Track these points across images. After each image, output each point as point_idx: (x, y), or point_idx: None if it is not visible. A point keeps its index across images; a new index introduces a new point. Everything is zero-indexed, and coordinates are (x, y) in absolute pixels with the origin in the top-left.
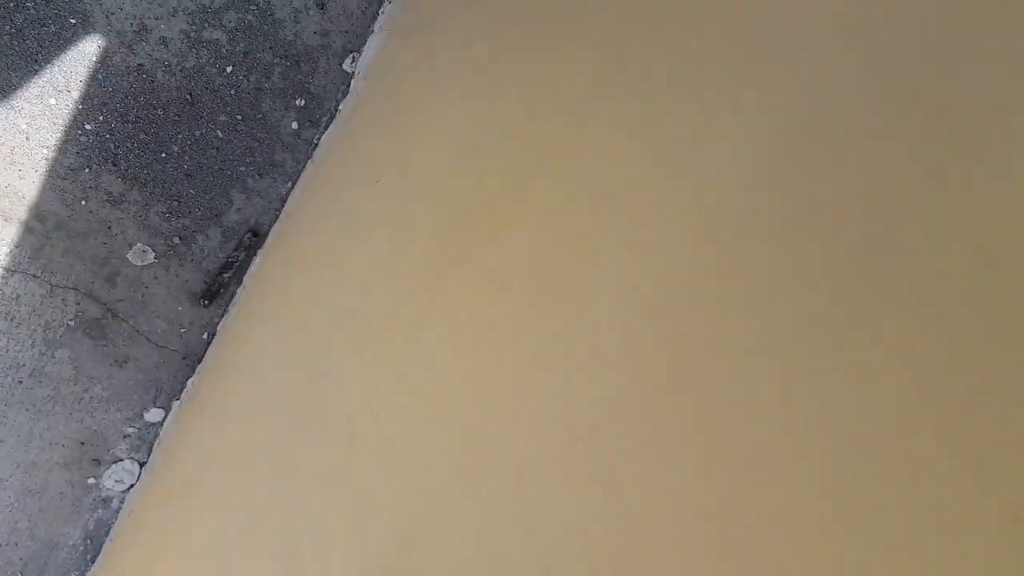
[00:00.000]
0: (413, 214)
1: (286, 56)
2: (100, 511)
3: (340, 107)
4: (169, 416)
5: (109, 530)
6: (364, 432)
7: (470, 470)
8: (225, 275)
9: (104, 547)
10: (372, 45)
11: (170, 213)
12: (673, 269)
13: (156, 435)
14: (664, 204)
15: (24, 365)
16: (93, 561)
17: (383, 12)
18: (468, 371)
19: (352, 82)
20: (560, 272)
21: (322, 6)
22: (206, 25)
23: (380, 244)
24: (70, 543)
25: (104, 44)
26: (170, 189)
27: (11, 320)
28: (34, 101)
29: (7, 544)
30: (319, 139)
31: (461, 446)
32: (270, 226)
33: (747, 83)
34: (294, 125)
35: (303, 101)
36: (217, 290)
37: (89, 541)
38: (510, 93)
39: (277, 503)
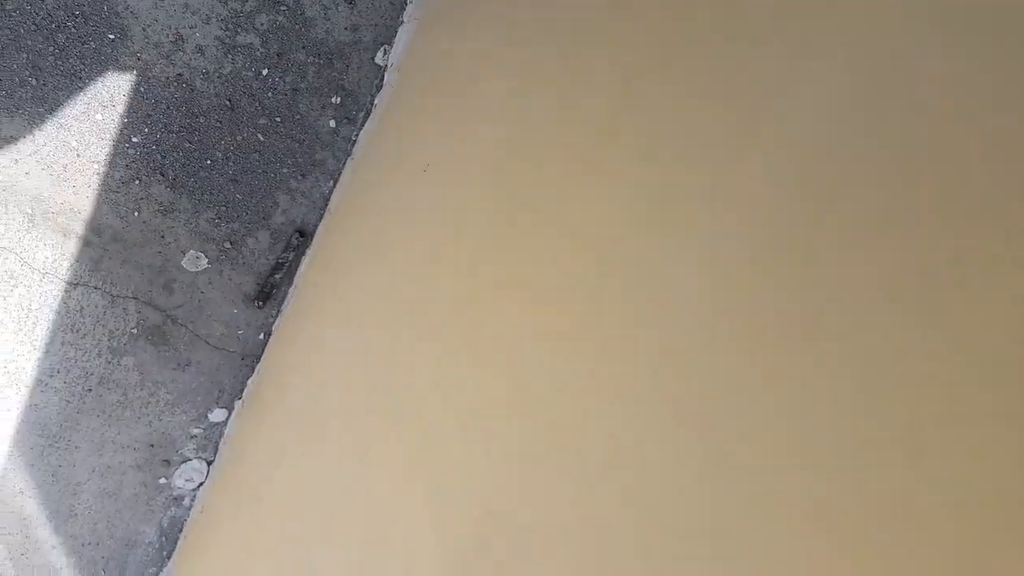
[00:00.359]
0: (468, 197)
1: (319, 54)
2: (173, 509)
3: (375, 101)
4: (232, 415)
5: (182, 527)
6: (435, 411)
7: (559, 441)
8: (276, 276)
9: (179, 543)
10: (403, 36)
11: (219, 219)
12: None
13: (221, 434)
14: (750, 154)
15: (92, 374)
16: (169, 557)
17: (411, 1)
18: (549, 345)
19: (385, 75)
20: (637, 236)
21: (350, 1)
22: (239, 30)
23: (437, 228)
24: (147, 541)
25: (143, 56)
26: (217, 195)
27: (77, 332)
28: (81, 118)
29: (89, 544)
30: (357, 135)
31: (544, 417)
32: (316, 225)
33: None
34: (332, 123)
35: (339, 98)
36: (270, 291)
37: (164, 538)
38: (557, 64)
39: (356, 488)
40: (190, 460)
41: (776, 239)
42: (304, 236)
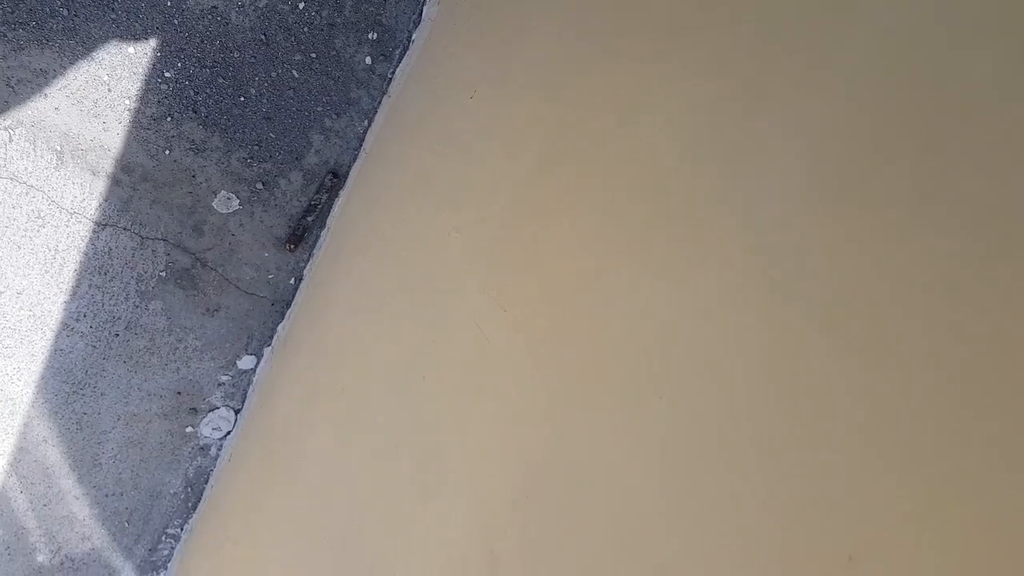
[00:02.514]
0: (520, 118)
1: None
2: (199, 459)
3: (413, 37)
4: (261, 362)
5: (208, 477)
6: (496, 329)
7: (648, 366)
8: (308, 218)
9: (204, 494)
10: None
11: (251, 158)
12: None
13: (249, 382)
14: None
15: (120, 318)
16: (194, 508)
17: None
18: (622, 260)
19: (424, 9)
20: (717, 136)
21: None
22: None
23: (487, 156)
24: (171, 491)
25: None
26: (250, 134)
27: (105, 274)
28: (113, 51)
29: (113, 494)
30: (393, 72)
31: (616, 347)
32: (350, 166)
33: None
34: (368, 60)
35: (375, 34)
36: (302, 234)
37: (190, 489)
38: None
39: (401, 422)
40: (217, 408)
41: None
42: (337, 177)
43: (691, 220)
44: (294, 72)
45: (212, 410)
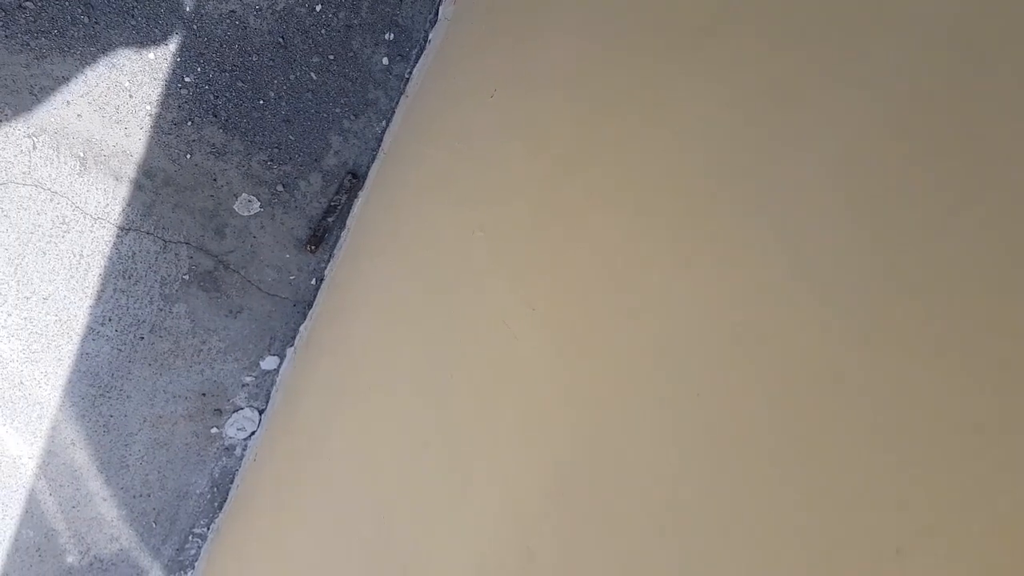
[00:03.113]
0: (543, 116)
1: None
2: (224, 459)
3: (430, 37)
4: (284, 363)
5: (234, 477)
6: (523, 327)
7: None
8: (329, 219)
9: (230, 494)
10: None
11: (271, 161)
12: None
13: (273, 382)
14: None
15: (144, 321)
16: (220, 508)
17: None
18: (648, 253)
19: (440, 8)
20: (749, 135)
21: None
22: None
23: (509, 154)
24: (198, 492)
25: None
26: (270, 136)
27: (129, 278)
28: (134, 57)
29: (140, 495)
30: (411, 73)
31: (642, 337)
32: (368, 167)
33: None
34: (385, 61)
35: (392, 35)
36: (322, 235)
37: (216, 489)
38: None
39: (429, 420)
40: (242, 409)
41: None
42: (357, 178)
43: (723, 217)
44: (312, 74)
45: (236, 411)
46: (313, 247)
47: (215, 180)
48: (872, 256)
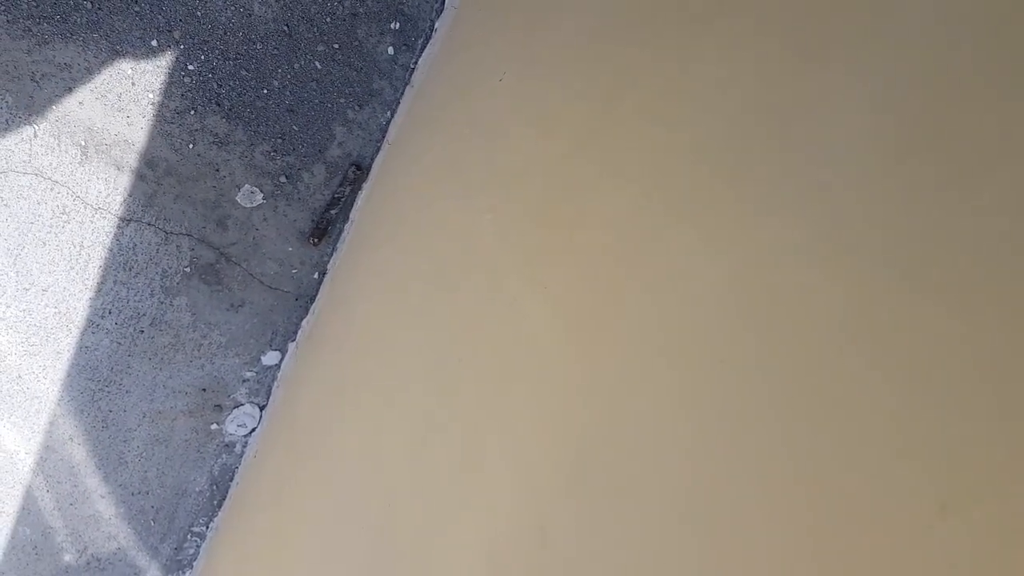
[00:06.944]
0: (554, 96)
1: None
2: (224, 456)
3: (436, 26)
4: (286, 358)
5: (234, 474)
6: (536, 306)
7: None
8: (332, 211)
9: (230, 491)
10: None
11: (275, 151)
12: None
13: (274, 378)
14: None
15: (145, 314)
16: (220, 506)
17: None
18: (664, 229)
19: None
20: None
21: None
22: None
23: (520, 136)
24: (197, 489)
25: None
26: (273, 126)
27: (129, 270)
28: (137, 44)
29: (138, 493)
30: (416, 62)
31: (660, 317)
32: (373, 158)
33: None
34: (390, 50)
35: (398, 24)
36: (325, 227)
37: (215, 486)
38: None
39: (437, 407)
40: (242, 405)
41: None
42: (360, 169)
43: (747, 180)
44: (317, 63)
45: (237, 407)
46: (316, 240)
47: (217, 170)
48: (908, 209)
